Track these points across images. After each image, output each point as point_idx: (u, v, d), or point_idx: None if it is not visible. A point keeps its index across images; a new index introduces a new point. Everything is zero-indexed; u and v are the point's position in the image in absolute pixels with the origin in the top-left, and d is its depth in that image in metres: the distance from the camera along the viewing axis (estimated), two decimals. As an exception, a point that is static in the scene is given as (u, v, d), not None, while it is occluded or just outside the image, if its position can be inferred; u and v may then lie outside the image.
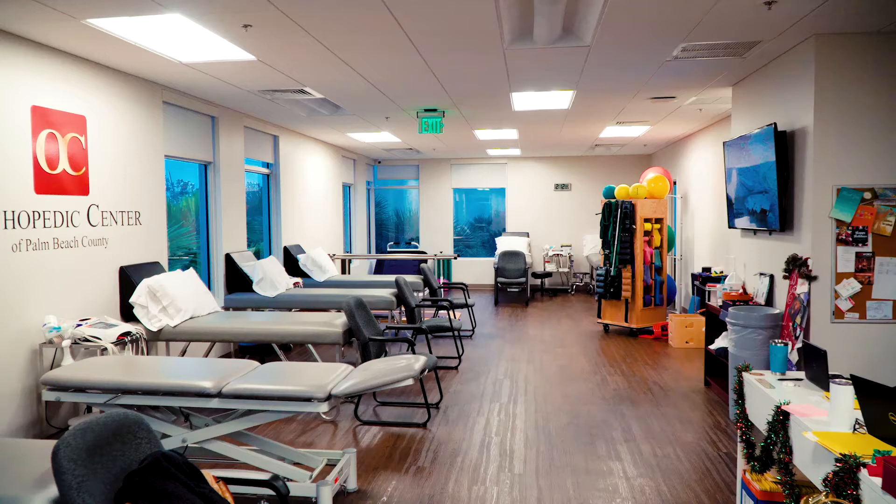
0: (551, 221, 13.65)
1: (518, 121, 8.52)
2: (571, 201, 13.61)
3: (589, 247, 12.63)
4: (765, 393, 3.27)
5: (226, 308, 7.03)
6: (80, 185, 4.85)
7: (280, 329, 5.24)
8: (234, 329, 5.27)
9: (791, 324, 4.75)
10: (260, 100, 6.75)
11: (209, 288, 7.05)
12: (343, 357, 6.92)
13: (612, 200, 8.73)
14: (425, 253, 12.84)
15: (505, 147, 11.78)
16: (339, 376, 3.54)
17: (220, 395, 3.36)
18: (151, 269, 5.59)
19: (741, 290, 5.80)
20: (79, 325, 4.46)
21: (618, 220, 8.55)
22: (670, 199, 10.42)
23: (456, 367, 6.84)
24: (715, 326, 6.01)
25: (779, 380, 3.47)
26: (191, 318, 5.38)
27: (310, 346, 5.62)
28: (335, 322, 5.26)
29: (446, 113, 7.66)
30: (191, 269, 5.82)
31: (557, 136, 10.23)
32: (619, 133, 9.73)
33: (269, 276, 7.03)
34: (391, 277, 8.21)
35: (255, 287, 6.98)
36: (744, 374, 3.58)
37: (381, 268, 12.43)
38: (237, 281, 7.12)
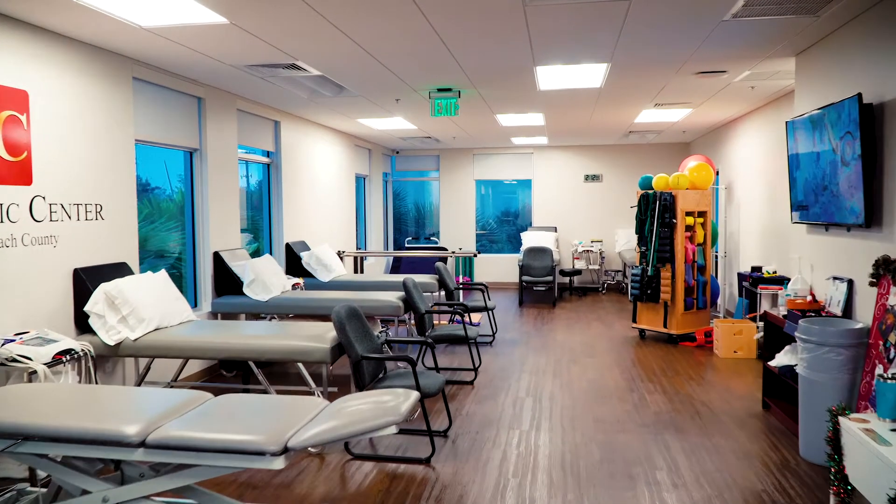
0: (581, 215, 12.72)
1: (544, 103, 7.63)
2: (602, 193, 12.66)
3: (621, 242, 11.71)
4: (877, 451, 2.38)
5: (213, 314, 6.26)
6: (19, 173, 4.08)
7: (258, 344, 4.43)
8: (205, 343, 4.47)
9: (882, 343, 3.82)
10: (251, 78, 5.96)
11: (194, 291, 6.28)
12: (332, 374, 6.11)
13: (650, 192, 7.78)
14: (445, 250, 11.99)
15: (531, 135, 10.89)
16: (305, 418, 2.72)
17: (144, 444, 2.56)
18: (116, 271, 4.81)
19: (809, 297, 4.87)
20: (9, 342, 3.69)
21: (656, 213, 7.61)
22: (713, 190, 9.44)
23: (471, 382, 6.00)
24: (775, 338, 5.08)
25: (892, 430, 2.58)
26: (156, 329, 4.60)
27: (299, 363, 4.83)
28: (326, 336, 4.44)
29: (462, 93, 6.80)
30: (162, 271, 5.04)
31: (588, 122, 9.31)
32: (657, 118, 8.79)
33: (262, 278, 6.24)
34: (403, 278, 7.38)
35: (245, 289, 6.19)
36: (841, 419, 2.70)
37: (398, 266, 11.58)
38: (227, 283, 6.34)
